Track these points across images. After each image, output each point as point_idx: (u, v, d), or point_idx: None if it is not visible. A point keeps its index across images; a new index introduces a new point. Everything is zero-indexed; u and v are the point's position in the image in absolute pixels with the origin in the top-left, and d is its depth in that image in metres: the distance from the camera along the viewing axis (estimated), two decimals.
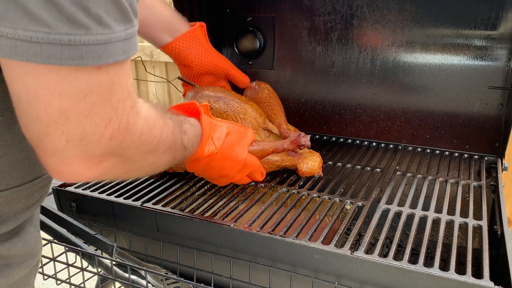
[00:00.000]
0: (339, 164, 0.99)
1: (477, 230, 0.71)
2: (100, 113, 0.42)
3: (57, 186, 0.86)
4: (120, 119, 0.44)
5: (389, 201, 0.79)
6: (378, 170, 0.94)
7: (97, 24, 0.38)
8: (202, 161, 0.73)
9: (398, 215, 0.75)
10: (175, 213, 0.76)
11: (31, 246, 0.57)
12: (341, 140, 1.15)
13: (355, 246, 0.65)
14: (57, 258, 0.81)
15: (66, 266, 0.81)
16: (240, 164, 0.79)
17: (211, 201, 0.81)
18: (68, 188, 0.86)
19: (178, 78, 1.02)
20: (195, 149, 0.69)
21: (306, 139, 0.85)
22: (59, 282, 0.83)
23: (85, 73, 0.39)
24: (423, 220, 0.73)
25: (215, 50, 1.02)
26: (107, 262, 0.76)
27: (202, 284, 0.70)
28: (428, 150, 1.06)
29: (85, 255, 0.76)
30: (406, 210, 0.76)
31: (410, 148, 1.08)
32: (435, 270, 0.59)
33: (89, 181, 0.50)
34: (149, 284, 0.78)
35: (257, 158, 0.84)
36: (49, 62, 0.37)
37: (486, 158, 1.00)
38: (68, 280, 0.82)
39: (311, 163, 0.91)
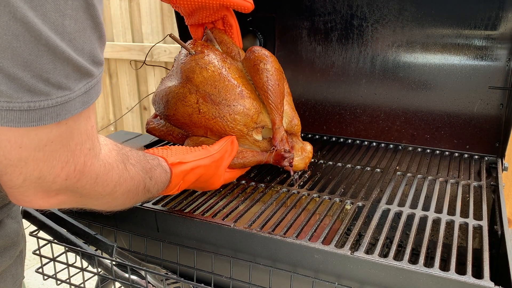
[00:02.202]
0: (339, 164, 0.99)
1: (477, 230, 0.71)
2: (58, 157, 0.43)
3: None
4: (76, 161, 0.45)
5: (389, 201, 0.79)
6: (378, 170, 0.94)
7: (57, 89, 0.39)
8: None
9: (398, 215, 0.75)
10: (175, 213, 0.76)
11: (11, 237, 0.59)
12: (341, 140, 1.15)
13: (355, 246, 0.65)
14: (57, 258, 0.81)
15: (66, 266, 0.81)
16: (214, 188, 0.83)
17: (211, 201, 0.81)
18: None
19: (170, 36, 0.89)
20: (160, 192, 0.70)
21: (287, 162, 0.85)
22: (59, 282, 0.83)
23: (44, 129, 0.41)
24: (423, 220, 0.73)
25: None
26: (107, 262, 0.76)
27: (202, 284, 0.70)
28: (428, 150, 1.06)
29: (85, 255, 0.76)
30: (406, 210, 0.76)
31: (410, 148, 1.08)
32: (435, 270, 0.59)
33: (44, 208, 0.52)
34: (149, 284, 0.78)
35: (237, 171, 0.86)
36: (8, 125, 0.38)
37: (486, 158, 1.00)
38: (68, 280, 0.82)
39: (296, 160, 0.90)
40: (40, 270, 0.82)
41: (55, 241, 0.79)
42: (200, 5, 0.90)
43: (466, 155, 1.02)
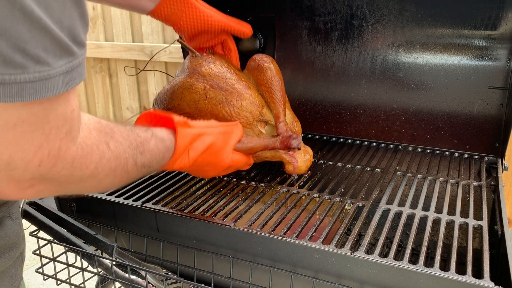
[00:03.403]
0: (339, 164, 0.99)
1: (477, 230, 0.71)
2: (30, 140, 0.41)
3: None
4: (51, 146, 0.43)
5: (389, 201, 0.79)
6: (378, 170, 0.94)
7: (35, 63, 0.37)
8: (180, 167, 0.71)
9: (398, 215, 0.75)
10: (175, 213, 0.76)
11: (11, 238, 0.58)
12: (341, 140, 1.15)
13: (355, 246, 0.65)
14: (57, 258, 0.81)
15: (66, 266, 0.81)
16: (224, 167, 0.78)
17: (211, 201, 0.81)
18: None
19: (177, 41, 0.95)
20: (166, 162, 0.67)
21: (296, 142, 0.82)
22: (59, 282, 0.83)
23: (15, 105, 0.38)
24: (423, 220, 0.73)
25: (206, 5, 0.94)
26: (107, 262, 0.76)
27: (202, 284, 0.70)
28: (428, 150, 1.06)
29: (85, 255, 0.76)
30: (406, 210, 0.76)
31: (410, 148, 1.08)
32: (435, 270, 0.59)
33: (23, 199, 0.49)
34: (149, 284, 0.78)
35: (244, 155, 0.82)
36: None
37: (486, 158, 1.00)
38: (68, 280, 0.82)
39: (299, 162, 0.90)
40: (40, 270, 0.82)
41: (55, 241, 0.79)
42: (202, 29, 0.94)
43: (466, 155, 1.02)
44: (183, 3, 0.91)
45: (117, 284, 0.80)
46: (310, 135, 1.18)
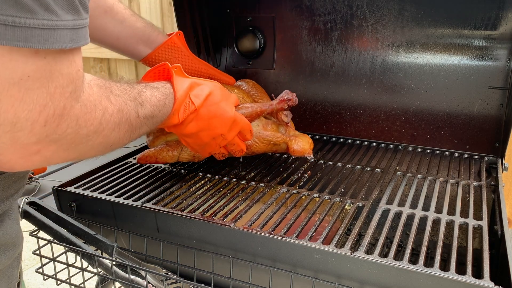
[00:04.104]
0: (339, 164, 0.99)
1: (477, 230, 0.71)
2: (35, 98, 0.41)
3: (57, 187, 0.86)
4: (56, 105, 0.43)
5: (389, 201, 0.79)
6: (378, 170, 0.94)
7: (44, 10, 0.39)
8: (188, 124, 0.73)
9: (398, 215, 0.75)
10: (175, 213, 0.76)
11: (11, 237, 0.58)
12: (341, 140, 1.15)
13: (355, 246, 0.65)
14: (57, 258, 0.81)
15: (66, 266, 0.81)
16: (230, 120, 0.79)
17: (211, 201, 0.81)
18: (68, 188, 0.86)
19: None
20: (171, 111, 0.68)
21: (292, 95, 0.87)
22: (59, 282, 0.83)
23: (21, 55, 0.39)
24: (423, 220, 0.73)
25: (196, 56, 1.03)
26: (107, 262, 0.76)
27: (202, 284, 0.70)
28: (428, 150, 1.06)
29: (85, 255, 0.76)
30: (406, 210, 0.76)
31: (410, 148, 1.08)
32: (435, 270, 0.59)
33: (30, 169, 0.48)
34: (149, 284, 0.78)
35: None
36: None
37: (486, 158, 1.00)
38: (68, 280, 0.82)
39: (302, 142, 0.92)
40: (40, 270, 0.82)
41: (55, 241, 0.78)
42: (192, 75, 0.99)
43: (466, 155, 1.02)
44: (176, 50, 0.97)
45: (117, 284, 0.80)
46: (310, 135, 1.18)
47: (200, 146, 0.82)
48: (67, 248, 0.78)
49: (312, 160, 0.96)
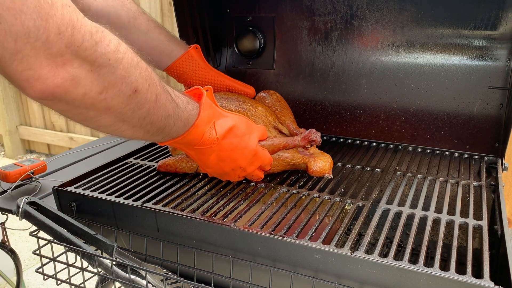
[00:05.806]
0: (339, 164, 0.99)
1: (477, 230, 0.71)
2: (33, 7, 0.42)
3: (57, 186, 0.86)
4: (60, 13, 0.44)
5: (389, 201, 0.79)
6: (378, 170, 0.95)
7: None
8: (209, 150, 0.73)
9: (398, 215, 0.75)
10: (175, 213, 0.76)
11: None
12: (341, 140, 1.15)
13: (355, 246, 0.65)
14: (57, 258, 0.81)
15: (66, 266, 0.81)
16: (252, 153, 0.79)
17: (211, 201, 0.81)
18: (68, 188, 0.86)
19: None
20: (191, 125, 0.69)
21: (317, 135, 0.86)
22: (59, 282, 0.83)
23: None
24: (423, 220, 0.73)
25: (213, 68, 1.05)
26: (107, 262, 0.76)
27: (202, 284, 0.70)
28: (428, 150, 1.06)
29: (85, 255, 0.76)
30: (406, 210, 0.76)
31: (410, 148, 1.08)
32: (435, 270, 0.59)
33: (59, 92, 0.48)
34: (149, 284, 0.78)
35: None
36: None
37: (486, 158, 1.00)
38: (68, 280, 0.82)
39: (321, 162, 0.91)
40: (40, 270, 0.82)
41: (55, 241, 0.78)
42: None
43: (466, 155, 1.02)
44: (194, 62, 1.01)
45: (117, 284, 0.80)
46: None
47: (219, 174, 0.83)
48: (67, 248, 0.78)
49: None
